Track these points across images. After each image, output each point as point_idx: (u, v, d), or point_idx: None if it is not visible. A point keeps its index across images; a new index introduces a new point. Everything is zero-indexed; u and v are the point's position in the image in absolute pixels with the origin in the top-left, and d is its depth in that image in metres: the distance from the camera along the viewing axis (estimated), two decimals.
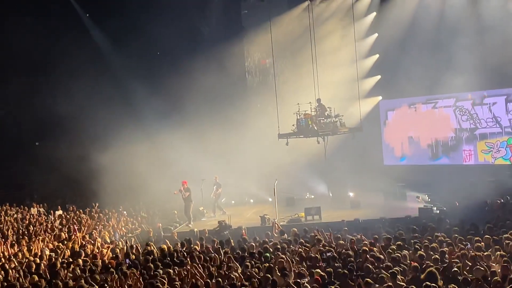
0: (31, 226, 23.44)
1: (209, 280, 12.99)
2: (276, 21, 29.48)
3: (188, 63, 29.19)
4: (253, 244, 17.17)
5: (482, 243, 14.96)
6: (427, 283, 11.41)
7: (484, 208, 21.45)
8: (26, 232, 22.19)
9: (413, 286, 11.71)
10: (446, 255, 14.07)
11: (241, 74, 33.56)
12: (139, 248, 18.03)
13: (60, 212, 26.49)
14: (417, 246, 15.13)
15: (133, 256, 16.53)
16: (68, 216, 25.42)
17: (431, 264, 13.19)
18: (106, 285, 13.10)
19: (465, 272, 12.71)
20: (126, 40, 31.33)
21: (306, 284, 12.56)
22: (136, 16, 30.78)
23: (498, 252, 13.94)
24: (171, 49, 31.40)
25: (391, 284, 11.89)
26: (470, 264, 13.01)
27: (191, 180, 26.79)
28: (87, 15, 32.32)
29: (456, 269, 12.69)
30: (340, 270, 13.17)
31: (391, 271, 12.58)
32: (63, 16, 31.26)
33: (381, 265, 13.40)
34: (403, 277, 12.62)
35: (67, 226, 23.20)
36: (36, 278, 14.02)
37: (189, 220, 25.34)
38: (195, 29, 32.16)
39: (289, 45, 32.11)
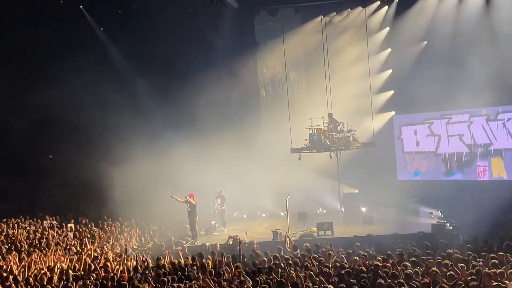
0: (43, 238, 23.48)
1: None
2: (289, 36, 29.57)
3: (201, 77, 29.23)
4: (265, 259, 17.09)
5: (497, 260, 14.81)
6: None
7: (498, 225, 21.27)
8: (38, 244, 22.22)
9: None
10: (460, 272, 13.94)
11: (254, 89, 33.54)
12: (150, 262, 17.99)
13: (71, 225, 26.54)
14: (429, 263, 15.01)
15: (145, 270, 16.47)
16: (80, 229, 25.45)
17: (444, 280, 13.08)
18: None
19: None
20: (139, 53, 31.47)
21: None
22: (149, 30, 30.91)
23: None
24: (184, 63, 31.44)
25: None
26: (484, 281, 12.87)
27: (203, 194, 26.82)
28: (101, 29, 32.46)
29: (469, 286, 12.56)
30: (353, 286, 13.08)
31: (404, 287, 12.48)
32: (79, 30, 31.40)
33: (394, 281, 13.28)
34: None
35: (79, 239, 23.23)
36: None
37: (195, 237, 25.18)
38: (208, 43, 32.21)
39: (302, 60, 32.19)
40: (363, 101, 26.99)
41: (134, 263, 17.86)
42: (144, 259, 17.64)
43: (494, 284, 12.51)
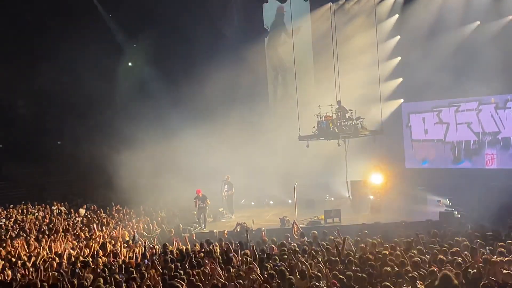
0: (52, 224, 23.60)
1: (227, 281, 12.98)
2: (298, 23, 29.45)
3: (209, 63, 29.16)
4: (272, 246, 17.13)
5: (505, 249, 14.77)
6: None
7: (506, 213, 21.23)
8: (47, 230, 22.33)
9: None
10: (467, 260, 13.93)
11: (263, 76, 33.51)
12: (158, 248, 18.06)
13: (83, 210, 26.70)
14: (436, 251, 14.99)
15: (153, 257, 16.54)
16: (88, 215, 25.56)
17: (451, 268, 13.07)
18: (125, 285, 13.11)
19: (485, 277, 12.56)
20: (148, 38, 31.45)
21: (325, 287, 12.50)
22: (158, 17, 30.92)
23: None
24: (192, 49, 31.45)
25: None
26: (492, 269, 12.84)
27: (212, 181, 26.89)
28: (110, 15, 32.49)
29: (477, 273, 12.54)
30: (359, 274, 13.09)
31: (411, 275, 12.49)
32: (89, 18, 31.46)
33: (402, 270, 13.28)
34: (422, 282, 12.51)
35: (87, 225, 23.33)
36: (57, 276, 14.09)
37: (205, 223, 25.26)
38: (216, 31, 32.18)
39: (310, 47, 32.07)
40: (371, 89, 26.86)
41: (142, 249, 17.93)
42: (151, 245, 17.69)
43: (503, 272, 12.49)
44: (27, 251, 18.31)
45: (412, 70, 29.01)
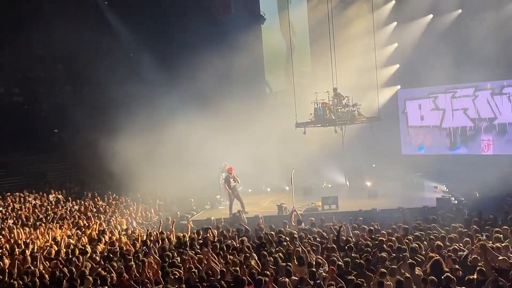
0: (49, 212, 23.62)
1: (225, 268, 13.02)
2: (295, 9, 29.38)
3: (206, 50, 29.16)
4: (270, 232, 17.16)
5: (501, 235, 14.83)
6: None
7: (502, 199, 21.29)
8: (44, 218, 22.35)
9: (432, 277, 11.62)
10: (464, 246, 13.99)
11: (259, 62, 33.45)
12: (155, 236, 18.08)
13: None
14: (433, 237, 15.05)
15: (150, 244, 16.55)
16: (86, 203, 25.58)
17: (449, 254, 13.14)
18: (123, 272, 13.14)
19: (483, 263, 12.62)
20: (146, 28, 31.40)
21: (323, 273, 12.56)
22: (154, 4, 30.86)
23: None
24: (188, 36, 31.38)
25: (409, 274, 11.87)
26: (489, 254, 12.91)
27: (207, 167, 26.90)
28: (105, 2, 32.37)
29: (474, 259, 12.59)
30: (357, 260, 13.14)
31: (408, 261, 12.55)
32: (84, 4, 31.38)
33: (399, 256, 13.33)
34: (419, 268, 12.57)
35: (85, 213, 23.35)
36: (55, 264, 14.13)
37: (244, 207, 24.32)
38: (213, 17, 32.10)
39: (307, 33, 32.01)
40: (368, 75, 26.80)
41: (139, 237, 17.95)
42: (149, 233, 17.72)
43: (499, 258, 12.55)
44: (25, 239, 18.32)
45: (408, 57, 29.05)
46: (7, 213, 23.59)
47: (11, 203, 25.77)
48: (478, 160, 28.02)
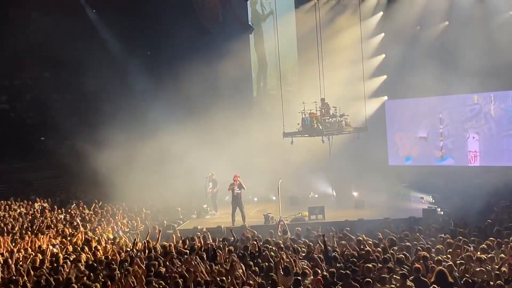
0: (35, 221, 23.46)
1: (211, 278, 12.97)
2: (283, 20, 29.43)
3: (194, 59, 29.12)
4: (255, 243, 17.11)
5: (486, 245, 14.87)
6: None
7: (489, 210, 21.36)
8: (30, 227, 22.19)
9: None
10: (450, 257, 14.02)
11: (247, 72, 33.49)
12: (141, 245, 18.00)
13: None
14: (419, 248, 15.07)
15: (136, 253, 16.46)
16: (72, 212, 25.42)
17: (435, 265, 13.15)
18: (109, 282, 13.05)
19: (469, 274, 12.65)
20: (133, 36, 31.37)
21: (308, 285, 12.53)
22: (142, 12, 30.84)
23: (502, 255, 13.88)
24: (176, 45, 31.37)
25: (394, 285, 11.87)
26: (475, 266, 12.95)
27: (194, 177, 26.84)
28: (94, 11, 32.32)
29: (460, 270, 12.62)
30: (343, 270, 13.11)
31: (397, 272, 12.57)
32: (72, 12, 31.28)
33: (385, 266, 13.33)
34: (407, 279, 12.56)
35: (71, 222, 23.21)
36: (40, 273, 14.01)
37: (244, 219, 24.30)
38: (201, 26, 32.11)
39: (295, 43, 32.08)
40: (355, 86, 26.88)
41: (125, 246, 17.86)
42: (135, 242, 17.64)
43: (483, 270, 12.58)
44: (9, 248, 18.16)
45: (396, 68, 29.17)
46: None
47: None
48: (465, 171, 28.10)
